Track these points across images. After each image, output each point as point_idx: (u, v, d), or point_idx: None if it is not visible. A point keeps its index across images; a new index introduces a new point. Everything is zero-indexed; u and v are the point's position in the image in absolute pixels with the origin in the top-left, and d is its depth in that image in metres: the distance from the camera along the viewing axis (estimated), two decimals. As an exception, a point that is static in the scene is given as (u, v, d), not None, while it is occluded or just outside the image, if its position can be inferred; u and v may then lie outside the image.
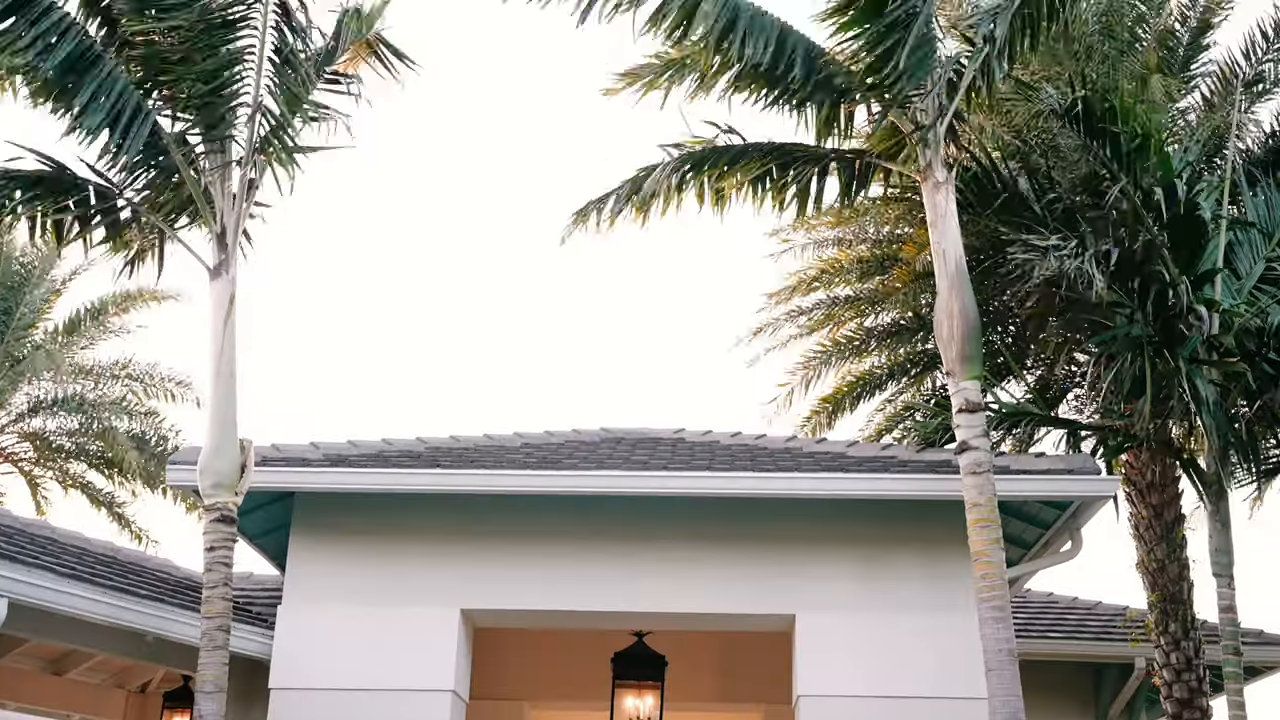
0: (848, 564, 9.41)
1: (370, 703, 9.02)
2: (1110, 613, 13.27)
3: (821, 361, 13.00)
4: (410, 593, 9.38)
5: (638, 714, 10.78)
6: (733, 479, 9.29)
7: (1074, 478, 9.11)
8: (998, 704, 7.85)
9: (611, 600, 9.52)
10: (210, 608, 8.07)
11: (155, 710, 12.15)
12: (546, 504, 9.45)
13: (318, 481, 9.35)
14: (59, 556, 8.90)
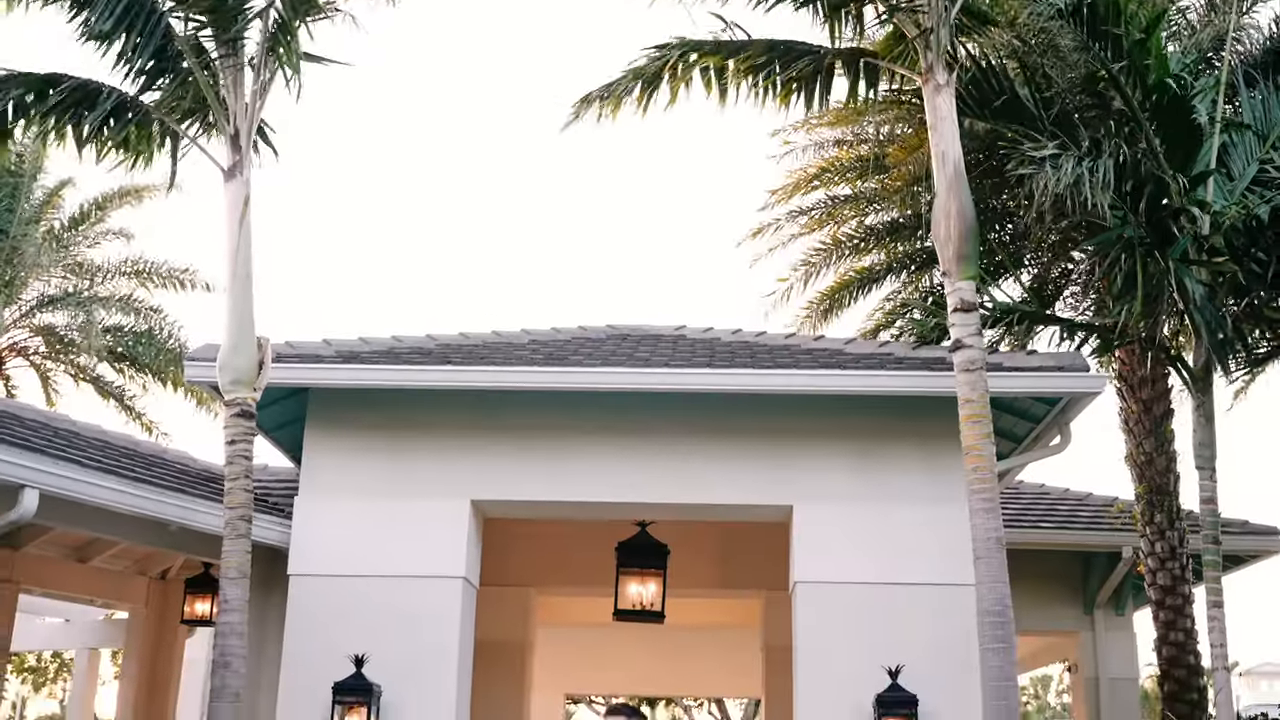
0: (844, 457, 9.70)
1: (386, 588, 9.39)
2: (1100, 504, 13.67)
3: (821, 258, 13.24)
4: (422, 485, 9.69)
5: (641, 600, 11.08)
6: (732, 375, 9.56)
7: (1064, 375, 9.38)
8: (985, 590, 8.22)
9: (616, 491, 9.82)
10: (232, 498, 8.41)
11: (176, 596, 12.59)
12: (554, 399, 9.72)
13: (331, 378, 9.63)
14: (83, 449, 9.21)
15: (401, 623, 9.30)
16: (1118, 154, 8.66)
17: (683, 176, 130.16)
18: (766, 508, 9.83)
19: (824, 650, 9.29)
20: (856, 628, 9.28)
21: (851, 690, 9.08)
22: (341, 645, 9.18)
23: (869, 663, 9.12)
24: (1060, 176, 8.38)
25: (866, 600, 9.35)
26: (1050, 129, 9.14)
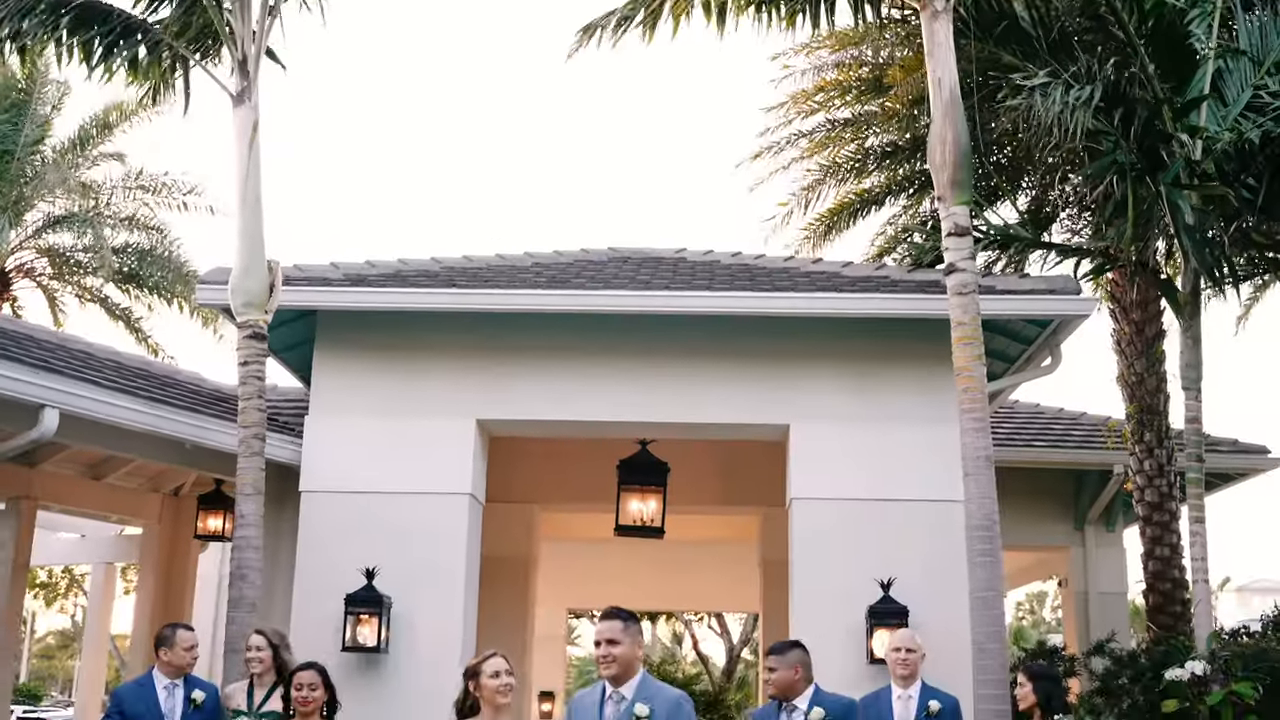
0: (840, 378, 9.93)
1: (395, 504, 9.67)
2: (1093, 423, 13.95)
3: (820, 181, 13.36)
4: (429, 404, 9.94)
5: (641, 517, 11.36)
6: (732, 298, 9.77)
7: (1054, 297, 9.58)
8: (974, 506, 8.49)
9: (617, 410, 10.06)
10: (246, 418, 8.67)
11: (188, 512, 12.92)
12: (557, 321, 9.94)
13: (339, 300, 9.83)
14: (99, 370, 9.46)
15: (410, 537, 9.59)
16: (1118, 79, 8.77)
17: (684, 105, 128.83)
18: (764, 427, 10.08)
19: (819, 564, 9.59)
20: (851, 542, 9.56)
21: (846, 602, 9.39)
22: (352, 559, 9.47)
23: (862, 576, 9.42)
24: (1049, 106, 8.52)
25: (860, 516, 9.63)
26: (1048, 55, 9.25)
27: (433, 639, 9.48)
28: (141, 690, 7.14)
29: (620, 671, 5.28)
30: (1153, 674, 9.97)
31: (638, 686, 5.29)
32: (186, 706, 7.08)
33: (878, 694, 7.33)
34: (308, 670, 6.70)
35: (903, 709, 7.17)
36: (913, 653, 7.27)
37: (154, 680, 7.16)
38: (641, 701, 5.21)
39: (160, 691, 7.11)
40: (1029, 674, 7.08)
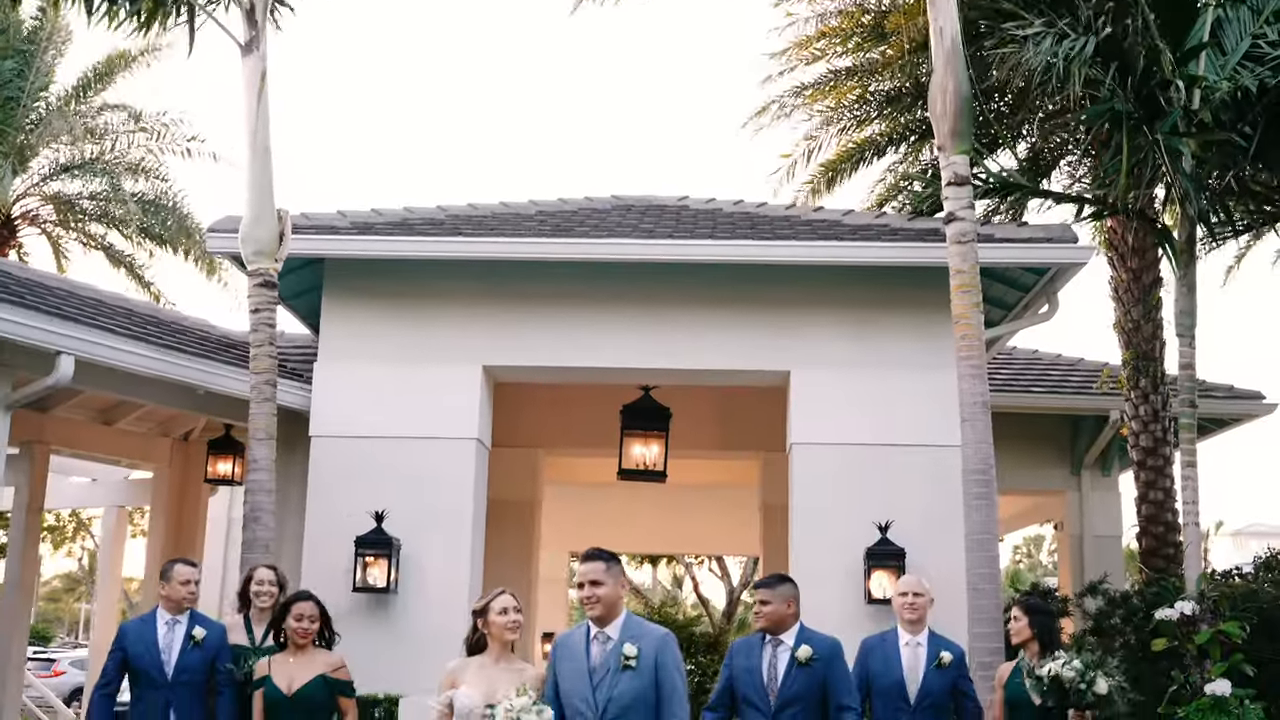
0: (840, 325, 10.08)
1: (403, 448, 9.87)
2: (1090, 369, 14.11)
3: (823, 127, 13.43)
4: (436, 351, 10.10)
5: (644, 461, 11.57)
6: (734, 246, 9.91)
7: (1052, 246, 9.71)
8: (970, 450, 8.68)
9: (621, 357, 10.23)
10: (258, 364, 8.84)
11: (198, 456, 13.13)
12: (562, 269, 10.08)
13: (347, 249, 9.97)
14: (111, 317, 9.60)
15: (418, 481, 9.79)
16: (1117, 30, 8.84)
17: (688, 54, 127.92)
18: (765, 373, 10.25)
19: (818, 508, 9.79)
20: (849, 486, 9.75)
21: (844, 545, 9.60)
22: (361, 502, 9.69)
23: (861, 519, 9.63)
24: (1040, 55, 8.61)
25: (859, 460, 9.81)
26: (1047, 3, 9.30)
27: (440, 580, 9.70)
28: (143, 626, 7.08)
29: (604, 612, 5.34)
30: (1144, 614, 10.21)
31: (623, 626, 5.35)
32: (187, 643, 6.99)
33: (883, 637, 7.06)
34: (306, 602, 6.77)
35: (911, 656, 6.89)
36: (920, 597, 7.05)
37: (156, 617, 7.09)
38: (629, 641, 5.28)
39: (161, 628, 7.03)
40: (1025, 608, 7.02)
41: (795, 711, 5.96)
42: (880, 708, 6.76)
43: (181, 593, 7.09)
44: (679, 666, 5.36)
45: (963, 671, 6.97)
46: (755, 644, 6.25)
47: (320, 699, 6.60)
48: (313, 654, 6.73)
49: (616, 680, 5.24)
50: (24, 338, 8.13)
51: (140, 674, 6.93)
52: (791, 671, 6.01)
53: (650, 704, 5.24)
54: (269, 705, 6.53)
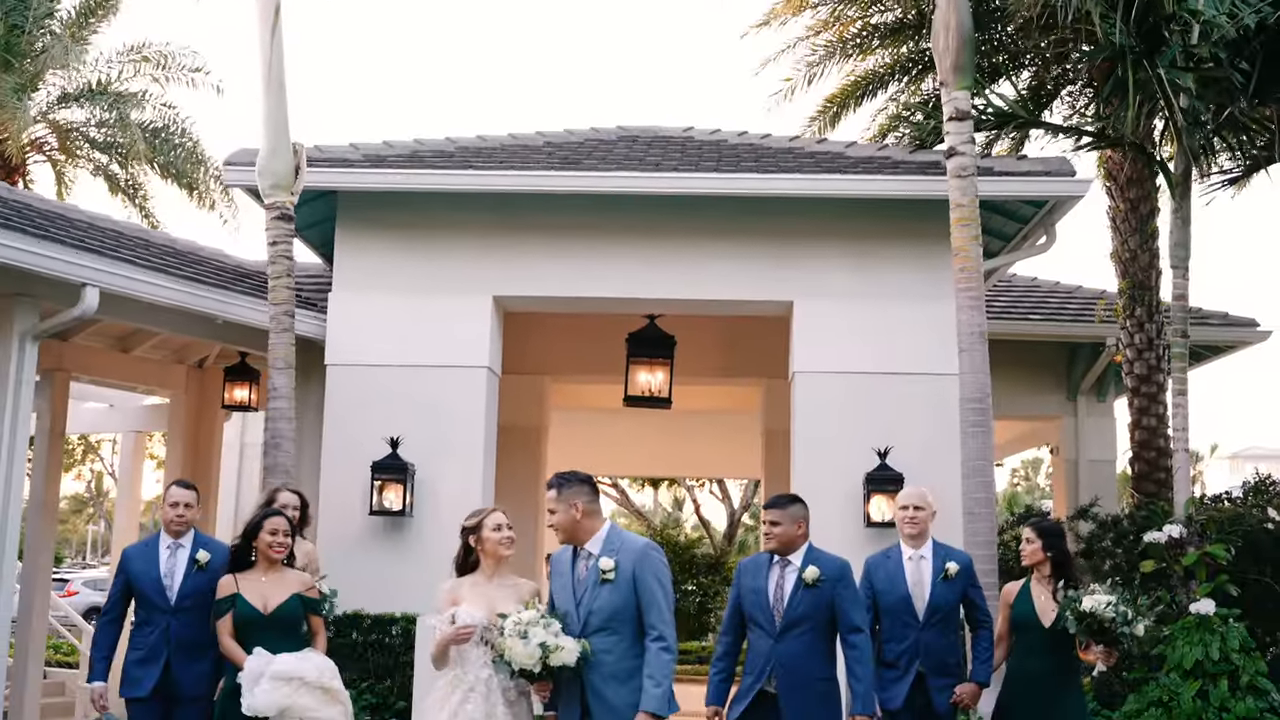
0: (843, 256, 10.29)
1: (416, 376, 10.14)
2: (1088, 297, 14.33)
3: (825, 56, 13.53)
4: (447, 281, 10.34)
5: (649, 388, 11.81)
6: (738, 179, 10.10)
7: (1050, 179, 9.91)
8: (967, 379, 8.97)
9: (628, 287, 10.47)
10: (276, 295, 9.08)
11: (213, 383, 13.39)
12: (570, 201, 10.28)
13: (359, 182, 10.17)
14: (132, 248, 9.82)
15: (431, 409, 10.07)
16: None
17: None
18: (768, 303, 10.49)
19: (819, 434, 10.08)
20: (850, 413, 10.03)
21: (844, 470, 9.90)
22: (377, 429, 9.98)
23: (861, 445, 9.92)
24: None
25: (860, 388, 10.08)
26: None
27: (454, 503, 9.97)
28: (146, 550, 6.94)
29: (566, 536, 5.48)
30: (1134, 537, 10.56)
31: (604, 541, 5.43)
32: (190, 567, 6.82)
33: (886, 554, 6.93)
34: (278, 518, 6.68)
35: (915, 570, 6.77)
36: (921, 511, 6.93)
37: (159, 540, 6.93)
38: (607, 555, 5.37)
39: (163, 552, 6.88)
40: (1038, 531, 6.85)
41: (801, 632, 6.00)
42: (888, 625, 6.69)
43: (169, 514, 6.92)
44: (659, 578, 5.37)
45: (972, 581, 6.87)
46: (763, 564, 6.27)
47: (297, 617, 6.52)
48: (283, 573, 6.61)
49: (596, 594, 5.35)
50: (51, 270, 8.36)
51: (143, 599, 6.84)
52: (798, 592, 6.04)
53: (631, 615, 5.32)
54: (243, 624, 6.40)
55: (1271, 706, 9.01)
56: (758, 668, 6.08)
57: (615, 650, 5.30)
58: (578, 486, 5.53)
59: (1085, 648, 6.62)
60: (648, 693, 5.19)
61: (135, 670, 6.72)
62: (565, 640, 5.32)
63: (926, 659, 6.61)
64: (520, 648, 5.27)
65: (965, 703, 6.69)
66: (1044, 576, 6.76)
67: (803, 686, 5.98)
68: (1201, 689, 8.97)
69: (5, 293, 8.66)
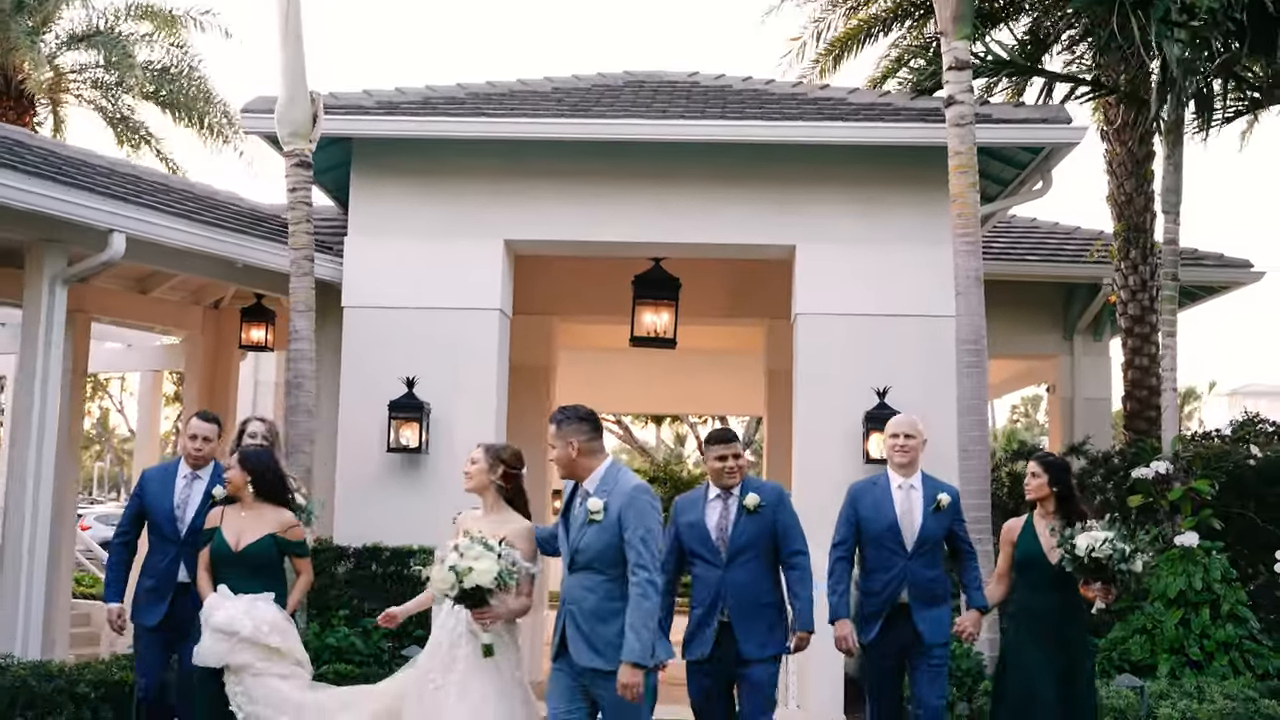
0: (844, 201, 10.56)
1: (431, 318, 10.46)
2: (1085, 238, 14.61)
3: (830, 9, 13.72)
4: (460, 226, 10.62)
5: (655, 329, 12.10)
6: (743, 127, 10.36)
7: (1047, 126, 10.16)
8: (964, 321, 9.29)
9: (635, 231, 10.74)
10: (296, 240, 9.39)
11: (227, 322, 13.74)
12: (579, 147, 10.54)
13: (374, 129, 10.43)
14: (154, 193, 10.11)
15: (445, 349, 10.40)
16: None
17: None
18: (772, 247, 10.78)
19: (821, 374, 10.41)
20: (850, 354, 10.34)
21: (844, 409, 10.24)
22: (393, 369, 10.32)
23: (860, 385, 10.24)
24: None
25: (860, 330, 10.39)
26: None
27: (468, 441, 10.14)
28: (164, 475, 6.88)
29: (565, 472, 5.49)
30: (1123, 473, 10.94)
31: (600, 480, 5.41)
32: (205, 501, 6.72)
33: (874, 481, 6.77)
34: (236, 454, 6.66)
35: (904, 499, 6.59)
36: (912, 439, 6.72)
37: (178, 468, 6.86)
38: (598, 496, 5.35)
39: (179, 480, 6.81)
40: (1043, 465, 6.71)
41: (747, 559, 6.06)
42: (873, 555, 6.56)
43: (189, 447, 6.86)
44: (645, 522, 5.28)
45: (958, 514, 6.75)
46: (698, 499, 6.27)
47: (268, 558, 6.39)
48: (265, 511, 6.49)
49: (584, 532, 5.36)
50: (79, 217, 8.67)
51: (155, 526, 6.79)
52: (741, 520, 6.06)
53: (616, 557, 5.29)
54: (215, 559, 6.35)
55: (1250, 634, 9.44)
56: (708, 598, 6.09)
57: (599, 590, 5.30)
58: (577, 424, 5.49)
59: (1085, 584, 6.53)
60: (627, 642, 5.14)
61: (146, 598, 6.74)
62: (479, 562, 5.35)
63: (913, 590, 6.47)
64: (436, 573, 5.39)
65: (969, 631, 6.63)
66: (1048, 512, 6.61)
67: (753, 613, 6.04)
68: (1184, 617, 9.40)
69: (35, 238, 8.98)
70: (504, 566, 5.38)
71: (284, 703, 6.07)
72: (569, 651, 5.35)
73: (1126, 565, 6.22)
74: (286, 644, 6.23)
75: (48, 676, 7.85)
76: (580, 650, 5.30)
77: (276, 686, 6.12)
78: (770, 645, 6.08)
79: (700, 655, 6.08)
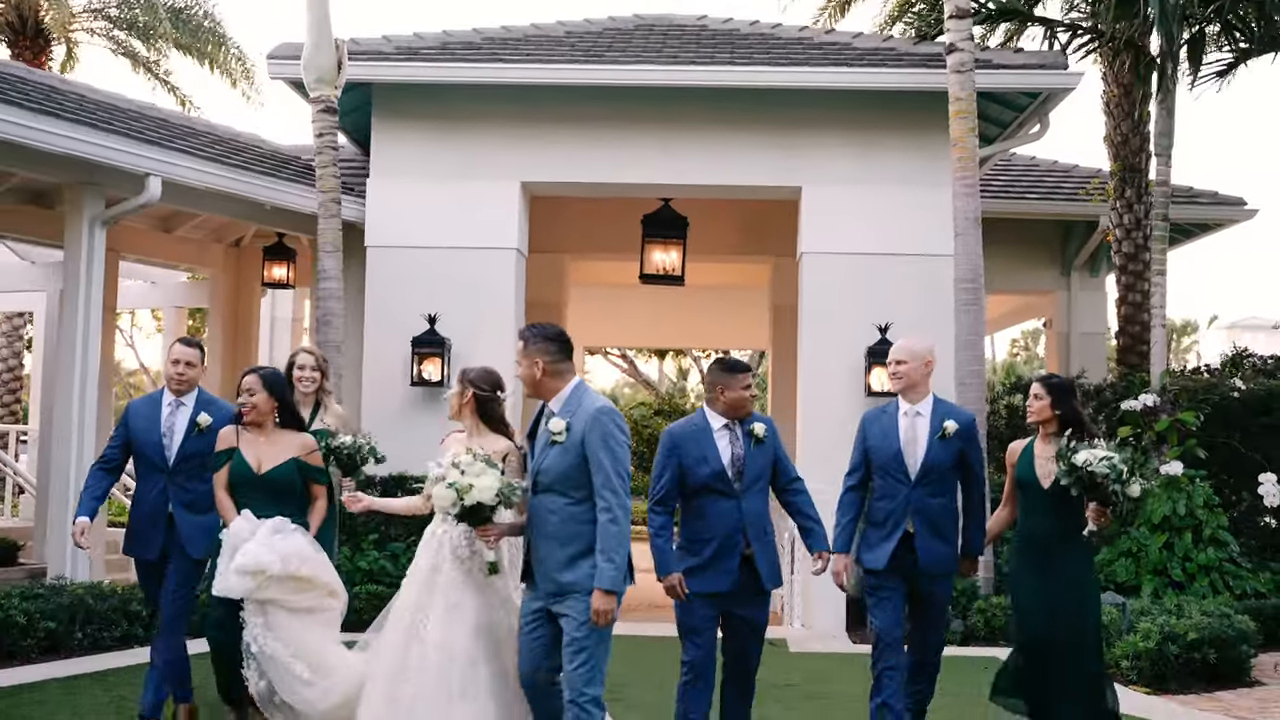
0: (848, 144, 10.96)
1: (452, 258, 10.90)
2: (1083, 175, 14.93)
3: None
4: (478, 169, 11.03)
5: (664, 266, 12.48)
6: (751, 72, 10.72)
7: (1044, 72, 10.53)
8: (961, 260, 9.72)
9: (646, 173, 11.17)
10: (324, 184, 9.80)
11: (248, 260, 14.18)
12: (592, 92, 10.92)
13: (394, 75, 10.82)
14: (183, 137, 10.50)
15: (465, 287, 10.85)
16: None
17: None
18: (778, 189, 11.19)
19: (825, 311, 10.85)
20: (853, 292, 10.79)
21: (847, 345, 10.70)
22: (415, 306, 10.78)
23: (863, 321, 10.69)
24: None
25: (863, 268, 10.83)
26: None
27: (487, 375, 10.82)
28: (148, 406, 6.59)
29: (529, 390, 5.29)
30: (1115, 405, 11.40)
31: (564, 401, 5.20)
32: (191, 429, 6.45)
33: (883, 409, 6.45)
34: (250, 375, 6.25)
35: (909, 426, 6.27)
36: (903, 364, 6.39)
37: (162, 396, 6.56)
38: (560, 416, 5.15)
39: (164, 409, 6.50)
40: (1046, 386, 6.30)
41: (759, 489, 5.90)
42: (880, 483, 6.34)
43: (170, 371, 6.56)
44: (609, 444, 5.07)
45: (971, 442, 6.35)
46: (702, 430, 5.94)
47: (290, 481, 6.16)
48: (284, 435, 6.23)
49: (546, 454, 5.16)
50: (117, 162, 9.10)
51: (141, 456, 6.55)
52: (751, 450, 5.86)
53: (579, 480, 5.09)
54: (236, 481, 6.08)
55: (1230, 557, 9.97)
56: (724, 531, 5.83)
57: (560, 513, 5.11)
58: (544, 343, 5.23)
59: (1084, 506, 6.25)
60: (600, 570, 4.98)
61: (140, 528, 6.55)
62: (481, 479, 5.18)
63: (918, 519, 6.19)
64: (438, 491, 5.22)
65: (961, 574, 6.46)
66: (1049, 435, 6.21)
67: (766, 543, 5.92)
68: (1168, 541, 9.92)
69: (73, 181, 9.42)
70: (505, 483, 5.20)
71: (303, 648, 5.77)
72: (534, 576, 5.23)
73: (1122, 487, 5.89)
74: (315, 572, 5.94)
75: (103, 596, 8.41)
76: (542, 574, 5.17)
77: (300, 630, 5.82)
78: (778, 575, 5.95)
79: (720, 588, 5.80)
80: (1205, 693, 7.93)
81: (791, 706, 7.45)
